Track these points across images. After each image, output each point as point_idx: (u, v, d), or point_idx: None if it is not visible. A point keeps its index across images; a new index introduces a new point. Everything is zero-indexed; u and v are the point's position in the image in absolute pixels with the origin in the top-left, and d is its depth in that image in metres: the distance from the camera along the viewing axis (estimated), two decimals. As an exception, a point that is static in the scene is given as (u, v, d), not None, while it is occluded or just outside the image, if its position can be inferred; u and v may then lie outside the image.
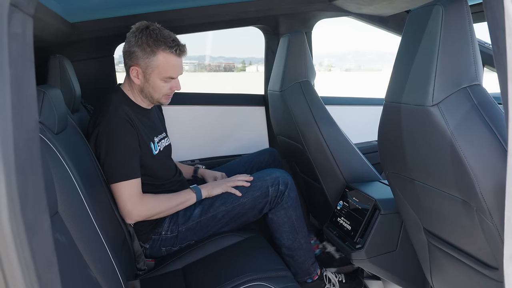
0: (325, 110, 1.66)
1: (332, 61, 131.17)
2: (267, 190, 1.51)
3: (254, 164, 1.85)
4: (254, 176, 1.57)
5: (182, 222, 1.51)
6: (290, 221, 1.56)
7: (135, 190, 1.37)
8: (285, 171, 1.60)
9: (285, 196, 1.53)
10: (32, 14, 0.46)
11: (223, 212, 1.51)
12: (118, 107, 1.40)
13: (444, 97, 0.89)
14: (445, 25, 0.88)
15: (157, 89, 1.45)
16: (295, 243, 1.58)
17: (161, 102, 1.50)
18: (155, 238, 1.50)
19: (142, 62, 1.40)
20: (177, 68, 1.45)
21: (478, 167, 0.86)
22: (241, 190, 1.52)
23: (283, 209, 1.54)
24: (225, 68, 62.63)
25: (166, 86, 1.45)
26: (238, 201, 1.51)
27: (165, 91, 1.46)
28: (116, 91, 1.50)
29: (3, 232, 0.40)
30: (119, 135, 1.36)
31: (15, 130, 0.40)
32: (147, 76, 1.42)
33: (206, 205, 1.52)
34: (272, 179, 1.52)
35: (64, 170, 0.94)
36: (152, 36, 1.39)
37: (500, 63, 0.61)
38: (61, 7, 1.51)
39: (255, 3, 1.99)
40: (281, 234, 1.57)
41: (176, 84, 1.48)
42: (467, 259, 1.03)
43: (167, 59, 1.41)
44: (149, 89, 1.45)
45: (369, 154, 1.89)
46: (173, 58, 1.42)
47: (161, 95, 1.47)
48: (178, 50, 1.42)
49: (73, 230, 0.87)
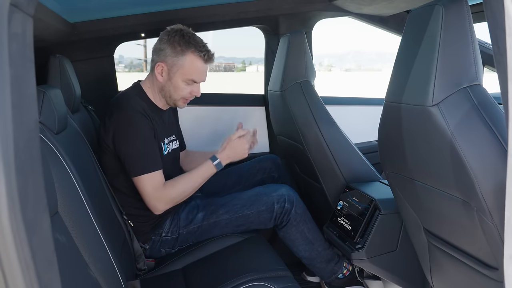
0: (325, 110, 1.66)
1: (332, 61, 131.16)
2: (272, 206, 1.52)
3: (257, 170, 1.86)
4: (261, 190, 1.57)
5: (183, 224, 1.51)
6: (302, 235, 1.57)
7: (158, 182, 1.38)
8: (291, 187, 1.61)
9: (292, 214, 1.54)
10: (32, 14, 0.46)
11: (226, 221, 1.52)
12: (134, 101, 1.41)
13: (444, 97, 0.89)
14: (445, 25, 0.88)
15: (178, 90, 1.45)
16: (313, 253, 1.60)
17: (177, 104, 1.50)
18: (155, 239, 1.49)
19: (170, 60, 1.42)
20: (201, 73, 1.46)
21: (478, 167, 0.86)
22: (246, 202, 1.53)
23: (294, 227, 1.56)
24: (225, 68, 62.59)
25: (187, 89, 1.46)
26: (242, 212, 1.52)
27: (185, 94, 1.47)
28: (135, 86, 1.51)
29: (3, 232, 0.40)
30: (138, 129, 1.37)
31: (15, 130, 0.40)
32: (171, 74, 1.43)
33: (210, 210, 1.53)
34: (278, 196, 1.53)
35: (64, 170, 0.94)
36: (185, 38, 1.41)
37: (500, 63, 0.61)
38: (61, 7, 1.51)
39: (255, 3, 1.99)
40: (298, 248, 1.60)
41: (196, 89, 1.48)
42: (467, 259, 1.03)
43: (194, 61, 1.42)
44: (170, 89, 1.46)
45: (369, 154, 1.89)
46: (200, 62, 1.43)
47: (179, 97, 1.47)
48: (207, 56, 1.44)
49: (73, 230, 0.87)
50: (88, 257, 0.88)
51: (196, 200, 1.61)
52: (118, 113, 1.39)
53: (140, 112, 1.39)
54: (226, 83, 22.23)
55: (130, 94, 1.46)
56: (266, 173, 1.85)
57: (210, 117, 2.18)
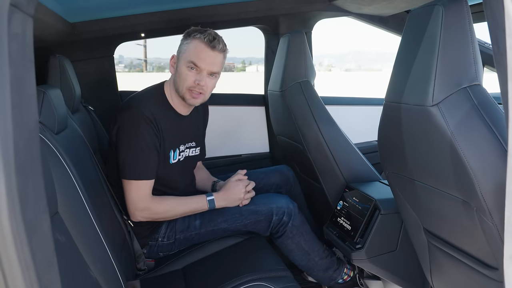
0: (325, 110, 1.66)
1: (332, 61, 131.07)
2: (270, 217, 1.51)
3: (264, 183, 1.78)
4: (260, 201, 1.56)
5: (180, 230, 1.49)
6: (298, 246, 1.57)
7: (143, 192, 1.37)
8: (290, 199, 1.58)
9: (289, 226, 1.53)
10: (32, 14, 0.46)
11: (223, 229, 1.51)
12: (147, 103, 1.39)
13: (444, 97, 0.89)
14: (445, 25, 0.88)
15: (182, 77, 1.39)
16: (309, 263, 1.60)
17: (186, 98, 1.41)
18: (152, 244, 1.48)
19: (179, 49, 1.42)
20: (202, 55, 1.37)
21: (478, 167, 0.86)
22: (245, 212, 1.51)
23: (289, 239, 1.55)
24: (225, 68, 62.59)
25: (190, 76, 1.38)
26: (241, 221, 1.51)
27: (189, 82, 1.38)
28: (158, 86, 1.49)
29: (3, 232, 0.40)
30: (139, 133, 1.35)
31: (15, 130, 0.40)
32: (177, 62, 1.41)
33: (207, 218, 1.50)
34: (277, 208, 1.51)
35: (64, 170, 0.94)
36: (198, 31, 1.40)
37: (500, 63, 0.61)
38: (61, 7, 1.51)
39: (255, 3, 1.99)
40: (294, 257, 1.59)
41: (200, 77, 1.38)
42: (467, 259, 1.03)
43: (196, 45, 1.38)
44: (177, 78, 1.41)
45: (369, 154, 1.89)
46: (202, 45, 1.37)
47: (184, 87, 1.39)
48: (207, 39, 1.37)
49: (73, 230, 0.87)
50: (88, 257, 0.88)
51: None
52: (127, 110, 1.38)
53: (147, 117, 1.35)
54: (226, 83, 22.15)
55: (148, 93, 1.45)
56: (273, 189, 1.79)
57: (210, 117, 2.18)
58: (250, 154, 2.17)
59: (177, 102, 1.46)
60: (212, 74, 1.41)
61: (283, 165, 1.92)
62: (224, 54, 1.43)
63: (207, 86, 1.41)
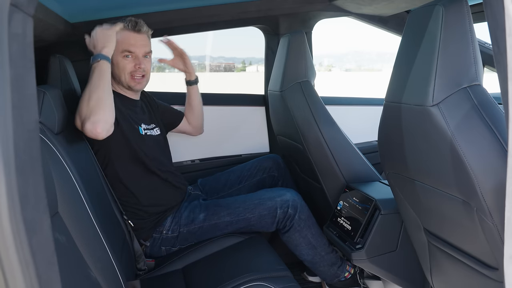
0: (325, 110, 1.65)
1: (332, 61, 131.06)
2: (275, 211, 1.52)
3: (258, 169, 1.85)
4: (265, 194, 1.57)
5: (184, 223, 1.51)
6: (306, 240, 1.57)
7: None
8: (296, 192, 1.60)
9: (296, 219, 1.53)
10: (32, 14, 0.46)
11: (226, 223, 1.52)
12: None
13: (444, 97, 0.89)
14: (445, 25, 0.88)
15: (121, 67, 1.48)
16: (315, 258, 1.60)
17: (131, 85, 1.51)
18: (156, 237, 1.50)
19: None
20: (133, 42, 1.48)
21: (478, 167, 0.86)
22: (249, 205, 1.52)
23: (297, 232, 1.55)
24: (225, 68, 62.62)
25: (128, 63, 1.48)
26: (244, 215, 1.51)
27: (129, 67, 1.48)
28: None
29: (3, 232, 0.40)
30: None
31: (15, 130, 0.40)
32: (113, 58, 1.45)
33: (211, 212, 1.52)
34: (282, 201, 1.52)
35: (64, 170, 0.94)
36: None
37: (500, 63, 0.61)
38: (61, 7, 1.51)
39: (255, 3, 1.99)
40: (300, 252, 1.60)
41: (139, 61, 1.49)
42: (467, 259, 1.03)
43: (123, 34, 1.47)
44: (116, 71, 1.49)
45: (369, 154, 1.89)
46: (129, 32, 1.48)
47: (126, 74, 1.49)
48: (132, 25, 1.47)
49: (73, 230, 0.87)
50: (88, 257, 0.88)
51: (199, 199, 1.62)
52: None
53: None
54: (226, 83, 22.24)
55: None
56: (266, 173, 1.85)
57: (210, 117, 2.17)
58: (250, 154, 2.17)
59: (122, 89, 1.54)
60: (146, 56, 1.52)
61: (274, 154, 2.00)
62: (149, 35, 1.55)
63: (146, 67, 1.52)
